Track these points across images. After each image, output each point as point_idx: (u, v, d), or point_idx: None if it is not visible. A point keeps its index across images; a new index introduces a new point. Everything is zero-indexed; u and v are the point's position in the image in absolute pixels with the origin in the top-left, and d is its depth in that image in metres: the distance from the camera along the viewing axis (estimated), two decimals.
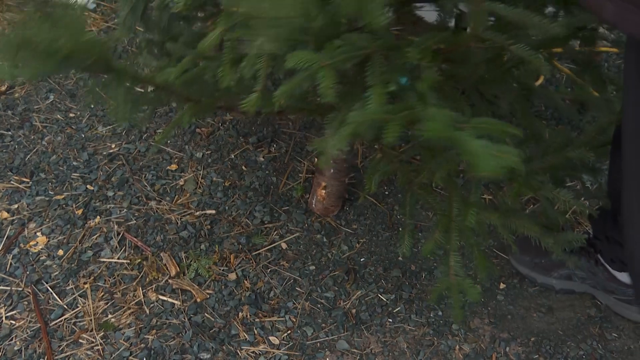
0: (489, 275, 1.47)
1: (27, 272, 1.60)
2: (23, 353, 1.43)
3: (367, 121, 0.92)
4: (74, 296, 1.56)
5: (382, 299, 1.59)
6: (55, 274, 1.61)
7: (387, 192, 1.87)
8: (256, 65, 0.98)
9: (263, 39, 0.88)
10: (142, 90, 1.20)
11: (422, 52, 0.98)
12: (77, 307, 1.53)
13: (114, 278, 1.60)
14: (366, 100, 0.95)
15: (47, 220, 1.73)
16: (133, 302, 1.55)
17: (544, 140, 1.22)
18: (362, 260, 1.69)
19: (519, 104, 1.28)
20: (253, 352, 1.46)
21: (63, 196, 1.80)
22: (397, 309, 1.57)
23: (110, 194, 1.81)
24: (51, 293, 1.56)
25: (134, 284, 1.59)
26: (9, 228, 1.70)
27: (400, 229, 1.49)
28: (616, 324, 1.55)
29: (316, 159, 1.83)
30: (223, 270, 1.63)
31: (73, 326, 1.49)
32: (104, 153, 1.93)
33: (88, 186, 1.83)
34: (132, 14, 1.36)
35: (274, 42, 0.87)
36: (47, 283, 1.58)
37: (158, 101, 1.28)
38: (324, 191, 1.73)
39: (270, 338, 1.49)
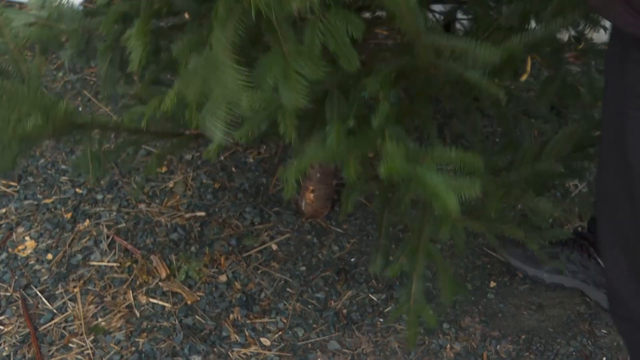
0: (455, 295, 1.46)
1: (16, 277, 1.59)
2: (12, 358, 1.42)
3: (326, 156, 0.93)
4: (64, 300, 1.55)
5: (372, 299, 1.59)
6: (44, 278, 1.60)
7: (377, 192, 1.87)
8: (217, 111, 0.94)
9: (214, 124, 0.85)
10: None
11: (382, 81, 0.97)
12: (67, 311, 1.52)
13: (104, 281, 1.59)
14: (325, 133, 0.96)
15: (36, 224, 1.72)
16: (123, 306, 1.54)
17: (520, 151, 1.21)
18: (352, 260, 1.69)
19: (496, 109, 1.29)
20: (244, 353, 1.46)
21: (52, 200, 1.79)
22: (388, 309, 1.57)
23: (99, 197, 1.80)
24: (40, 297, 1.55)
25: (124, 287, 1.58)
26: None
27: (374, 248, 1.49)
28: (605, 320, 1.56)
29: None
30: (214, 272, 1.63)
31: (63, 330, 1.48)
32: None
33: (77, 189, 1.82)
34: (111, 66, 1.36)
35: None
36: (36, 287, 1.57)
37: (130, 145, 1.28)
38: (312, 194, 1.74)
39: (262, 339, 1.49)
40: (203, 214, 1.78)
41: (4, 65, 1.08)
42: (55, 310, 1.52)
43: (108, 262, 1.64)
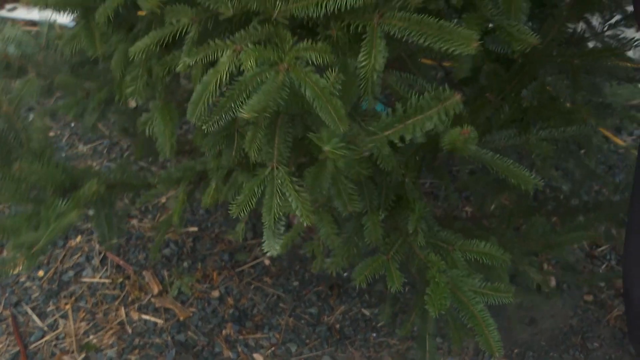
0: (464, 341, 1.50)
1: (6, 294, 1.58)
2: None
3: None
4: (55, 317, 1.54)
5: (365, 314, 1.59)
6: (35, 295, 1.58)
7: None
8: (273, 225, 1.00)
9: None
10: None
11: (407, 162, 1.03)
12: (58, 328, 1.51)
13: (96, 298, 1.58)
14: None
15: None
16: (115, 322, 1.53)
17: (525, 228, 1.26)
18: (345, 274, 1.69)
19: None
20: None
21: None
22: (380, 324, 1.57)
23: (91, 212, 1.80)
24: (31, 315, 1.54)
25: (116, 303, 1.57)
26: None
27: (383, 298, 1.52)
28: (597, 333, 1.56)
29: None
30: (206, 287, 1.62)
31: (54, 348, 1.47)
32: None
33: None
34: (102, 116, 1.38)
35: None
36: (27, 305, 1.56)
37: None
38: None
39: (255, 355, 1.48)
40: (195, 229, 1.77)
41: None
42: (46, 328, 1.51)
43: (100, 278, 1.63)
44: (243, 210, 0.90)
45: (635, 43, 1.23)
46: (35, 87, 1.12)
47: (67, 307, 1.56)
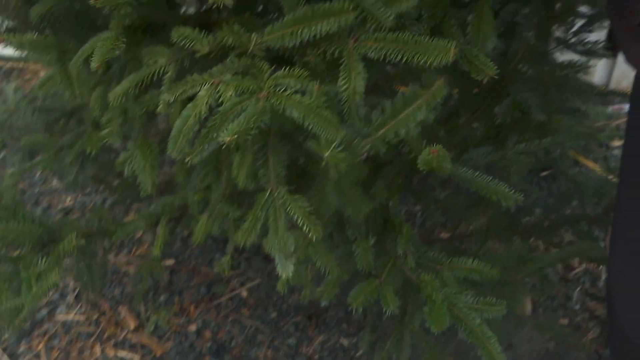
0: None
1: None
2: None
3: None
4: (27, 358, 1.50)
5: (343, 344, 1.58)
6: (6, 336, 1.55)
7: None
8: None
9: None
10: None
11: (389, 186, 1.05)
12: None
13: (70, 335, 1.56)
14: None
15: None
16: None
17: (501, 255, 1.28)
18: (323, 304, 1.68)
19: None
20: None
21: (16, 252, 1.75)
22: (359, 353, 1.56)
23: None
24: (1, 357, 1.50)
25: (92, 340, 1.55)
26: None
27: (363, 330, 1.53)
28: (574, 356, 1.58)
29: None
30: (183, 321, 1.61)
31: None
32: (59, 207, 1.90)
33: None
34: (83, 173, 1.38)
35: None
36: None
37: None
38: None
39: None
40: (172, 262, 1.76)
41: None
42: None
43: (75, 315, 1.61)
44: (247, 236, 0.90)
45: (600, 45, 1.26)
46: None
47: (40, 346, 1.53)
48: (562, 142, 1.13)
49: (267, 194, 0.87)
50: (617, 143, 2.18)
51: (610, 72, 2.41)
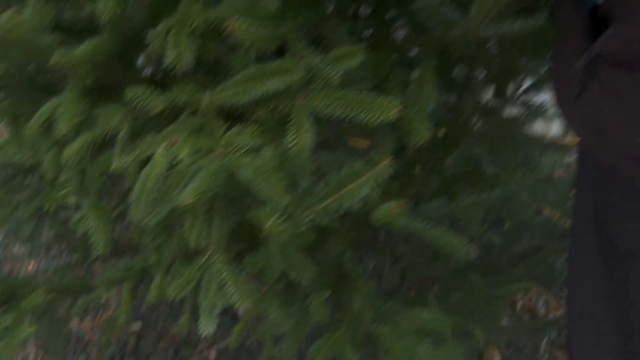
0: None
1: None
2: None
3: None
4: None
5: None
6: None
7: None
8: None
9: None
10: None
11: (342, 241, 1.07)
12: None
13: None
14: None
15: None
16: None
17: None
18: None
19: None
20: None
21: None
22: None
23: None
24: None
25: None
26: None
27: None
28: None
29: None
30: None
31: None
32: (21, 273, 1.86)
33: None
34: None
35: None
36: None
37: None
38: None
39: None
40: (139, 325, 1.72)
41: None
42: None
43: None
44: (180, 293, 0.90)
45: (543, 109, 1.31)
46: None
47: None
48: (516, 193, 1.16)
49: (206, 257, 0.88)
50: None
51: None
